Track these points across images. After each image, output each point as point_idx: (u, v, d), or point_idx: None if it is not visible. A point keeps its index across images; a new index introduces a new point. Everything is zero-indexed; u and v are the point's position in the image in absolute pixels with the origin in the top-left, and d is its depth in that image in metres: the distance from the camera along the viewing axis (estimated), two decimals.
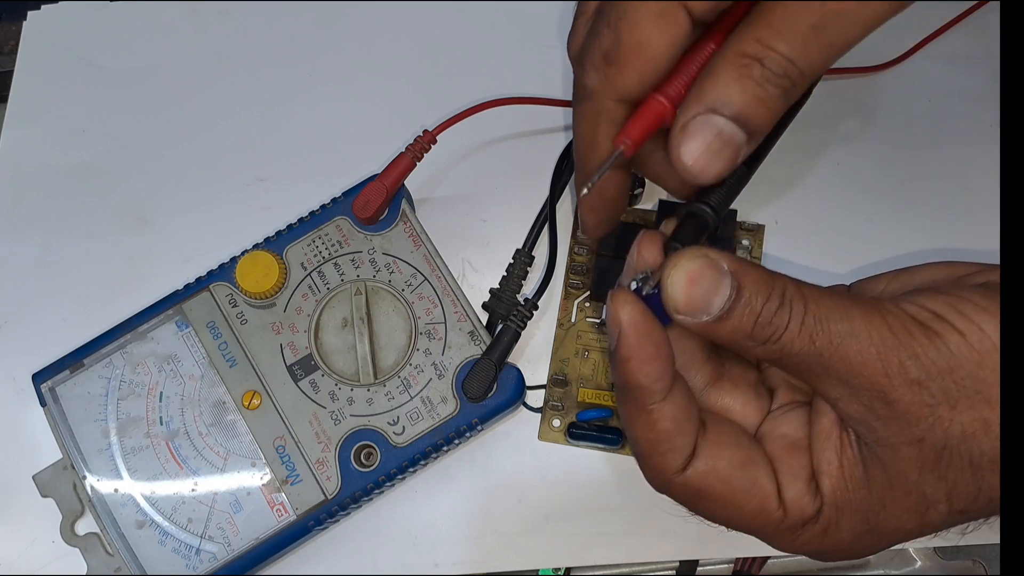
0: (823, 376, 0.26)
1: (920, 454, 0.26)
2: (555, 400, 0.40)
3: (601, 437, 0.39)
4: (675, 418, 0.28)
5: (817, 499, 0.28)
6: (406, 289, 0.39)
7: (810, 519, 0.28)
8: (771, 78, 0.26)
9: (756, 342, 0.26)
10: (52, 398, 0.38)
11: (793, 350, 0.26)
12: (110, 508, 0.37)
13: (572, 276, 0.42)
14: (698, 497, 0.29)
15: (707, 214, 0.29)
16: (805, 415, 0.30)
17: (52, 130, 0.46)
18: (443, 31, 0.47)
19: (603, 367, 0.40)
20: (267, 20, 0.48)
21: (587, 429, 0.39)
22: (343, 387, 0.38)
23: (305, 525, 0.37)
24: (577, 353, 0.41)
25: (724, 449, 0.28)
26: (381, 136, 0.44)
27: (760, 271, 0.27)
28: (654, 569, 0.39)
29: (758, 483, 0.28)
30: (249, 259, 0.38)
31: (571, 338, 0.41)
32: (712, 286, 0.26)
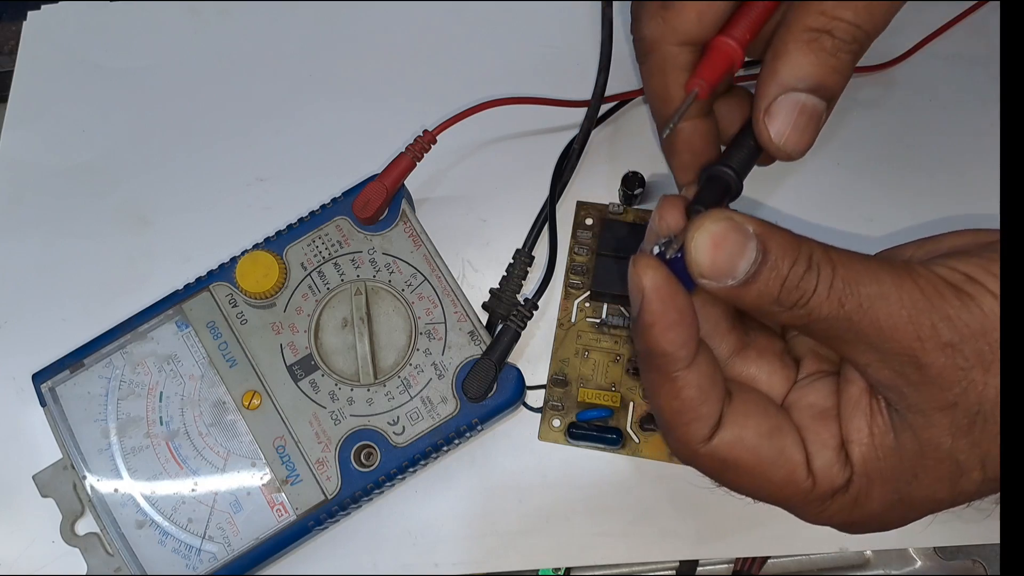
0: (852, 342, 0.26)
1: (953, 420, 0.25)
2: (555, 400, 0.40)
3: (601, 437, 0.39)
4: (700, 386, 0.27)
5: (847, 468, 0.27)
6: (406, 289, 0.39)
7: (839, 489, 0.27)
8: (841, 46, 0.27)
9: (783, 307, 0.26)
10: (52, 398, 0.38)
11: (821, 315, 0.25)
12: (110, 508, 0.37)
13: (572, 276, 0.42)
14: (724, 467, 0.28)
15: (729, 176, 0.29)
16: (833, 384, 0.29)
17: (52, 130, 0.46)
18: (443, 31, 0.47)
19: (603, 367, 0.40)
20: (267, 20, 0.48)
21: (587, 429, 0.39)
22: (343, 387, 0.38)
23: (305, 525, 0.37)
24: (577, 353, 0.41)
25: (751, 418, 0.28)
26: (381, 136, 0.44)
27: (786, 234, 0.26)
28: (654, 569, 0.39)
29: (786, 452, 0.27)
30: (249, 259, 0.38)
31: (571, 338, 0.41)
32: (737, 249, 0.25)
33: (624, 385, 0.40)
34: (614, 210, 0.42)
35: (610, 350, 0.40)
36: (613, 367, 0.40)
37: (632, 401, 0.40)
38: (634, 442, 0.39)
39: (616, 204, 0.42)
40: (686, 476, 0.38)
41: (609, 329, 0.41)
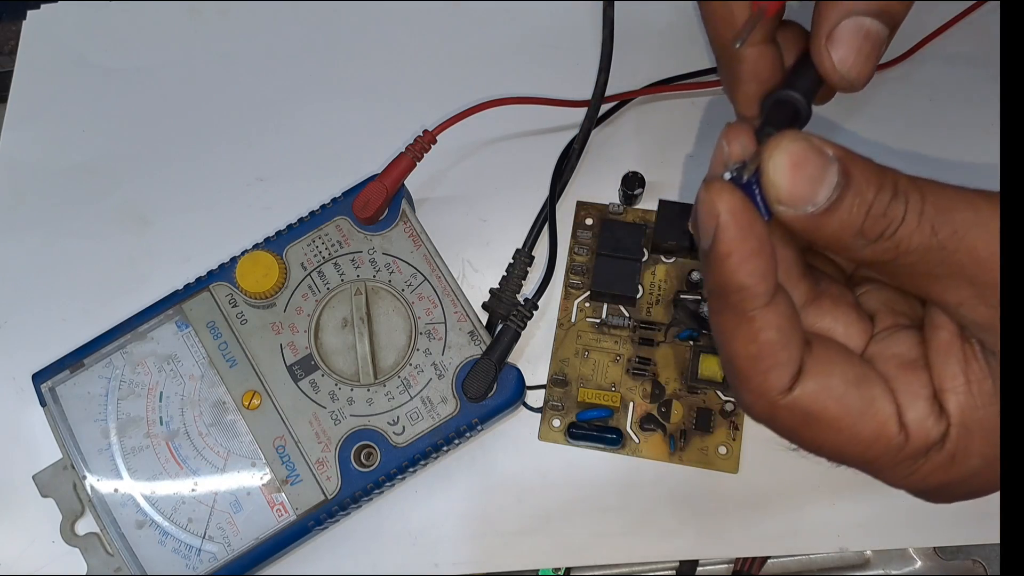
0: (945, 277, 0.23)
1: None
2: (555, 400, 0.40)
3: (601, 437, 0.39)
4: (780, 327, 0.24)
5: (943, 420, 0.24)
6: (406, 289, 0.39)
7: (935, 444, 0.24)
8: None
9: (867, 239, 0.23)
10: (52, 398, 0.38)
11: (911, 246, 0.23)
12: (110, 508, 0.37)
13: (572, 276, 0.42)
14: (807, 422, 0.25)
15: (799, 100, 0.27)
16: (915, 335, 0.26)
17: (52, 130, 0.46)
18: (443, 31, 0.47)
19: (603, 367, 0.40)
20: (267, 19, 0.48)
21: (587, 429, 0.39)
22: (343, 387, 0.38)
23: (305, 525, 0.37)
24: (577, 353, 0.41)
25: (836, 365, 0.25)
26: (380, 136, 0.44)
27: (869, 161, 0.24)
28: (654, 569, 0.39)
29: (876, 403, 0.25)
30: (249, 259, 0.38)
31: (571, 338, 0.41)
32: (818, 172, 0.23)
33: (624, 385, 0.40)
34: (614, 210, 0.42)
35: (610, 350, 0.41)
36: (613, 367, 0.40)
37: (632, 401, 0.40)
38: (634, 442, 0.39)
39: (616, 204, 0.42)
40: (687, 476, 0.39)
41: (609, 329, 0.41)
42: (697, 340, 0.40)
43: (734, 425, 0.39)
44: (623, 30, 0.44)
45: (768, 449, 0.38)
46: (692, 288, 0.41)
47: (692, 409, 0.39)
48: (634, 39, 0.45)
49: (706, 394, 0.39)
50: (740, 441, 0.39)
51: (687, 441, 0.39)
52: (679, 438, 0.39)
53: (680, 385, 0.40)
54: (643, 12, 0.46)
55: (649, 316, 0.41)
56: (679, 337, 0.40)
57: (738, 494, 0.38)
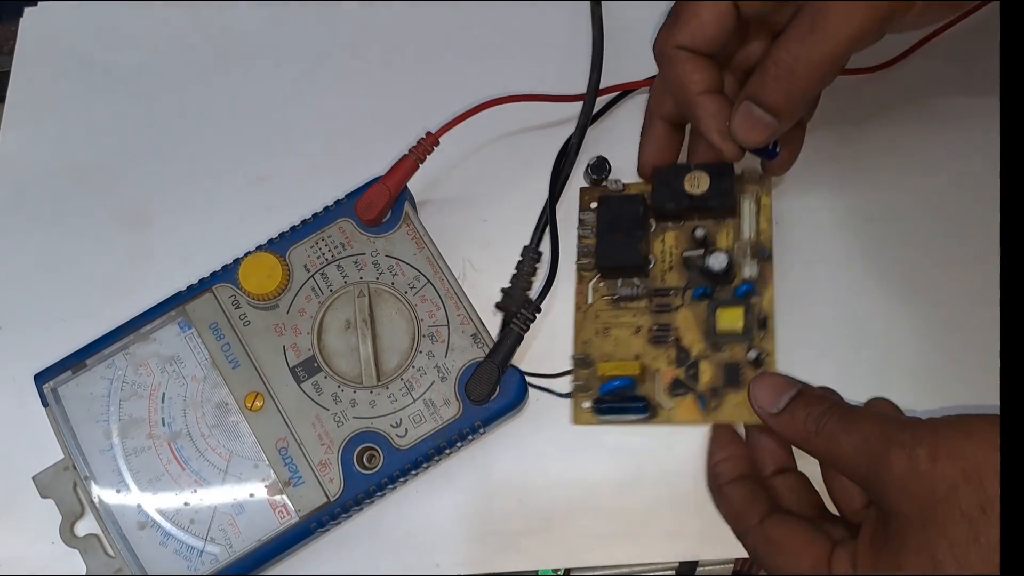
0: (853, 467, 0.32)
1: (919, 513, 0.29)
2: (581, 381, 0.40)
3: (627, 407, 0.38)
4: (741, 493, 0.36)
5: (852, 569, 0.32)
6: (409, 291, 0.39)
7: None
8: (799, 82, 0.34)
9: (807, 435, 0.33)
10: (54, 398, 0.38)
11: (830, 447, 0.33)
12: (112, 509, 0.37)
13: (582, 258, 0.41)
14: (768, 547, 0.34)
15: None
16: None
17: (51, 129, 0.46)
18: (445, 32, 0.47)
19: (625, 341, 0.40)
20: (268, 18, 0.48)
21: (612, 402, 0.39)
22: (346, 389, 0.38)
23: (307, 527, 0.37)
24: (598, 332, 0.40)
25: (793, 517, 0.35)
26: (379, 137, 0.44)
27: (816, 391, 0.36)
28: (654, 570, 0.39)
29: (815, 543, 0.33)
30: (252, 260, 0.38)
31: (590, 319, 0.41)
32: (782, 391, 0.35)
33: (648, 355, 0.39)
34: (614, 188, 0.42)
35: (629, 324, 0.40)
36: (635, 339, 0.40)
37: (658, 369, 0.39)
38: (665, 409, 0.38)
39: (616, 181, 0.42)
40: (687, 476, 0.39)
41: (625, 303, 0.40)
42: (711, 296, 0.39)
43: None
44: (613, 29, 0.45)
45: None
46: (697, 244, 0.40)
47: (719, 366, 0.38)
48: (631, 32, 0.45)
49: (732, 348, 0.38)
50: None
51: (720, 399, 0.38)
52: (711, 397, 0.38)
53: (704, 345, 0.39)
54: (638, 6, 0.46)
55: (664, 283, 0.40)
56: (694, 297, 0.39)
57: None
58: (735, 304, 0.39)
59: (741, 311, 0.38)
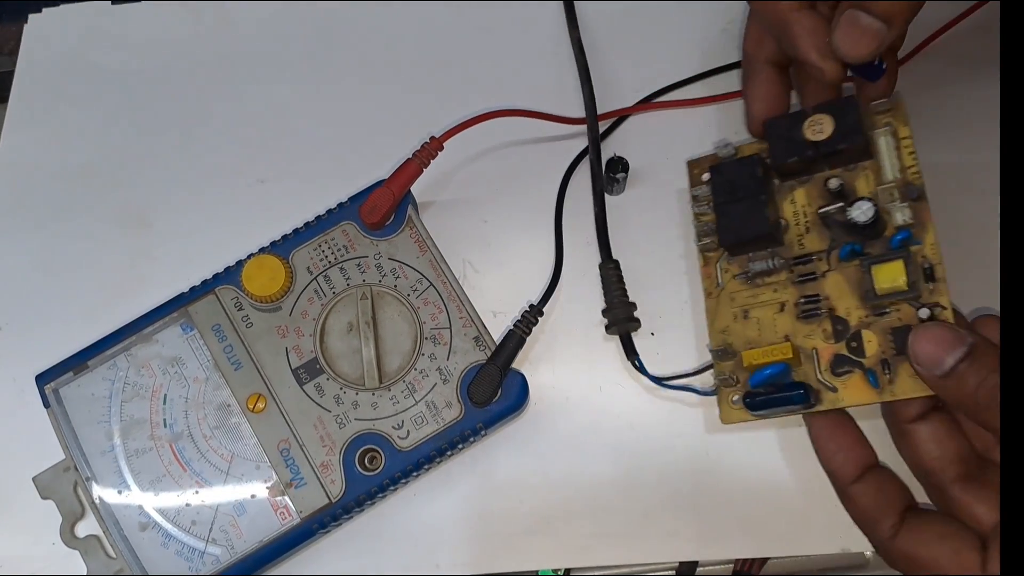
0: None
1: None
2: (726, 375, 0.36)
3: (786, 398, 0.33)
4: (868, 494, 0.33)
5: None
6: (411, 294, 0.39)
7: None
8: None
9: (979, 405, 0.29)
10: (56, 399, 0.38)
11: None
12: (113, 510, 0.37)
13: (703, 238, 0.38)
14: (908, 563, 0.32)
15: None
16: None
17: (53, 131, 0.46)
18: (449, 36, 0.47)
19: (770, 322, 0.35)
20: (270, 22, 0.48)
21: (766, 394, 0.34)
22: (348, 391, 0.38)
23: (309, 528, 0.37)
24: (736, 318, 0.36)
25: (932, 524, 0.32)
26: (382, 140, 0.44)
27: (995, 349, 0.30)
28: (654, 569, 0.39)
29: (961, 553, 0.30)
30: (255, 263, 0.38)
31: (724, 304, 0.37)
32: (948, 346, 0.30)
33: (799, 333, 0.35)
34: (724, 153, 0.38)
35: (771, 301, 0.35)
36: (780, 318, 0.35)
37: (814, 348, 0.34)
38: (830, 392, 0.34)
39: (726, 144, 0.38)
40: (687, 476, 0.39)
41: (761, 280, 0.36)
42: (862, 253, 0.34)
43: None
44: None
45: (769, 450, 0.39)
46: (834, 197, 0.35)
47: (886, 333, 0.33)
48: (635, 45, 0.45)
49: (898, 309, 0.33)
50: None
51: (894, 371, 0.33)
52: (881, 371, 0.33)
53: (864, 311, 0.34)
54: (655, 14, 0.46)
55: (803, 249, 0.35)
56: (842, 258, 0.34)
57: (738, 494, 0.39)
58: (892, 257, 0.33)
59: (901, 264, 0.33)
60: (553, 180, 0.43)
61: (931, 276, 0.33)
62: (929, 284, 0.33)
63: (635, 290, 0.41)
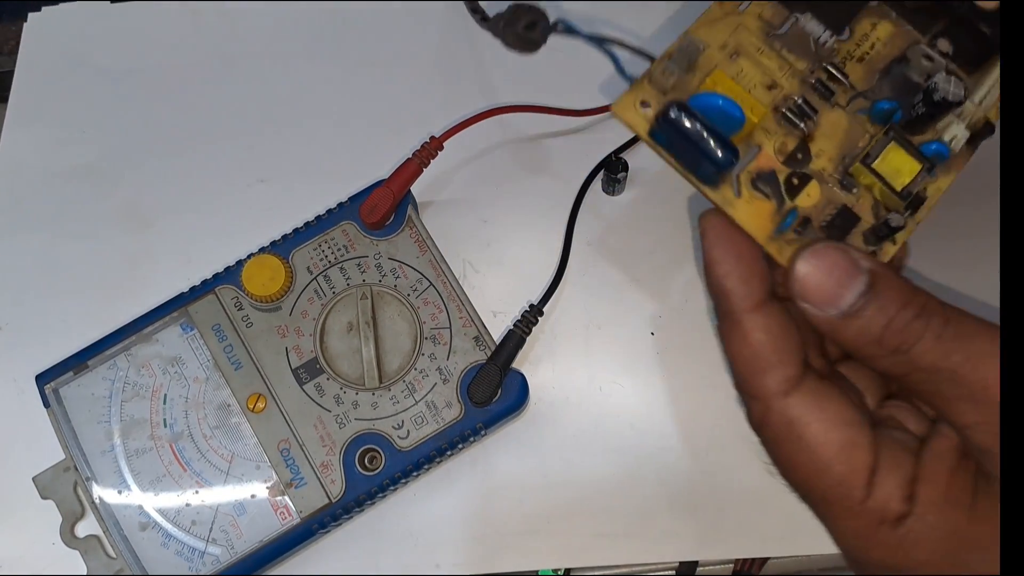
0: (955, 399, 0.24)
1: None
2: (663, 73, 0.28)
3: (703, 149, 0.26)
4: (768, 330, 0.26)
5: (908, 504, 0.25)
6: (411, 294, 0.39)
7: (891, 520, 0.25)
8: None
9: (883, 350, 0.25)
10: (56, 399, 0.38)
11: (923, 364, 0.24)
12: (113, 510, 0.37)
13: None
14: (789, 434, 0.26)
15: None
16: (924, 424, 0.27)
17: (53, 131, 0.46)
18: (449, 36, 0.47)
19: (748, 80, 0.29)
20: (270, 22, 0.48)
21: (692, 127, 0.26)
22: (348, 391, 0.38)
23: (309, 528, 0.37)
24: (724, 47, 0.29)
25: (835, 398, 0.26)
26: (382, 140, 0.44)
27: (901, 279, 0.25)
28: (654, 570, 0.40)
29: (856, 449, 0.25)
30: (255, 262, 0.38)
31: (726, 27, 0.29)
32: (845, 279, 0.25)
33: (764, 124, 0.29)
34: None
35: (769, 70, 0.29)
36: (762, 92, 0.29)
37: (760, 146, 0.29)
38: (733, 193, 0.28)
39: None
40: (687, 476, 0.39)
41: (783, 45, 0.29)
42: (894, 124, 0.29)
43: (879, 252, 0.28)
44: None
45: None
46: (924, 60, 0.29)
47: (832, 205, 0.28)
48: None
49: (860, 196, 0.29)
50: None
51: (804, 235, 0.28)
52: (796, 224, 0.28)
53: (833, 168, 0.29)
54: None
55: (843, 67, 0.30)
56: (872, 111, 0.29)
57: (738, 494, 0.39)
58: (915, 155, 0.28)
59: (919, 167, 0.28)
60: (553, 180, 0.43)
61: (916, 206, 0.29)
62: (909, 210, 0.29)
63: (635, 290, 0.41)
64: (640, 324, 0.42)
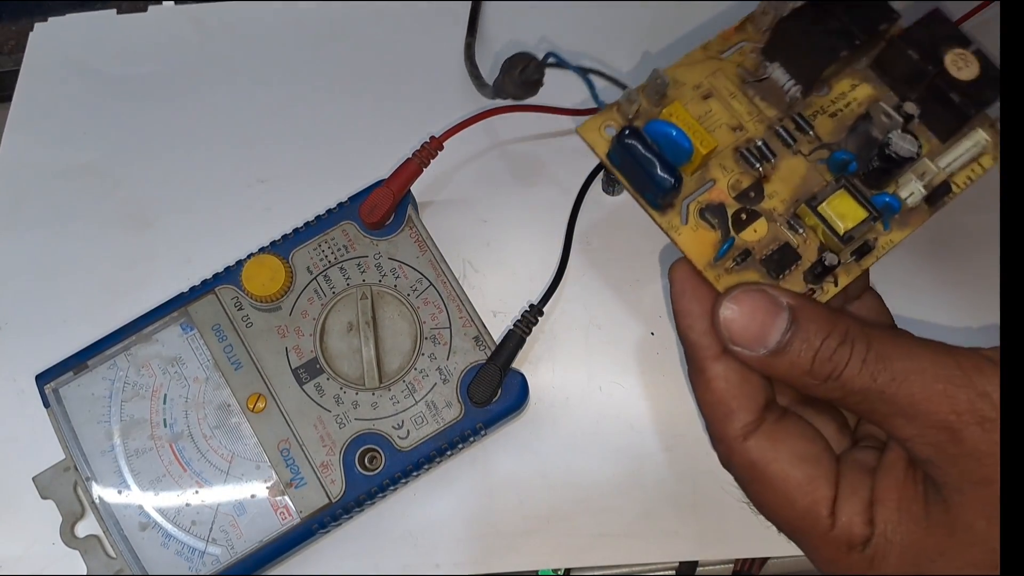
0: (890, 416, 0.26)
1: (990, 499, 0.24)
2: (630, 100, 0.31)
3: (649, 173, 0.29)
4: (729, 379, 0.28)
5: (870, 527, 0.26)
6: (411, 294, 0.39)
7: (857, 544, 0.27)
8: None
9: (816, 379, 0.26)
10: (55, 399, 0.38)
11: (854, 387, 0.26)
12: (113, 510, 0.37)
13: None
14: (753, 474, 0.28)
15: None
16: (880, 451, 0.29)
17: (54, 131, 0.46)
18: (448, 36, 0.47)
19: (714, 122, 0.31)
20: (271, 21, 0.48)
21: (641, 151, 0.29)
22: (348, 391, 0.38)
23: (309, 528, 0.37)
24: (698, 87, 0.32)
25: (792, 437, 0.28)
26: (382, 140, 0.44)
27: (821, 309, 0.27)
28: (654, 570, 0.40)
29: (815, 483, 0.27)
30: (255, 262, 0.38)
31: (706, 68, 0.32)
32: (768, 319, 0.27)
33: (721, 159, 0.31)
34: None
35: (737, 114, 0.31)
36: (724, 132, 0.31)
37: (714, 181, 0.31)
38: (679, 220, 0.30)
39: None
40: (687, 476, 0.39)
41: (756, 92, 0.32)
42: (853, 174, 0.31)
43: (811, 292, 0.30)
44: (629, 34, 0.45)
45: None
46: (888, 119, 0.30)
47: (776, 241, 0.30)
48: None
49: (806, 237, 0.30)
50: None
51: (742, 268, 0.30)
52: (735, 255, 0.30)
53: (784, 209, 0.31)
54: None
55: (811, 119, 0.32)
56: (829, 161, 0.31)
57: (738, 494, 0.38)
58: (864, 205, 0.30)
59: (865, 214, 0.30)
60: (553, 180, 0.43)
61: (862, 253, 0.30)
62: (854, 256, 0.30)
63: (635, 290, 0.41)
64: (640, 324, 0.42)
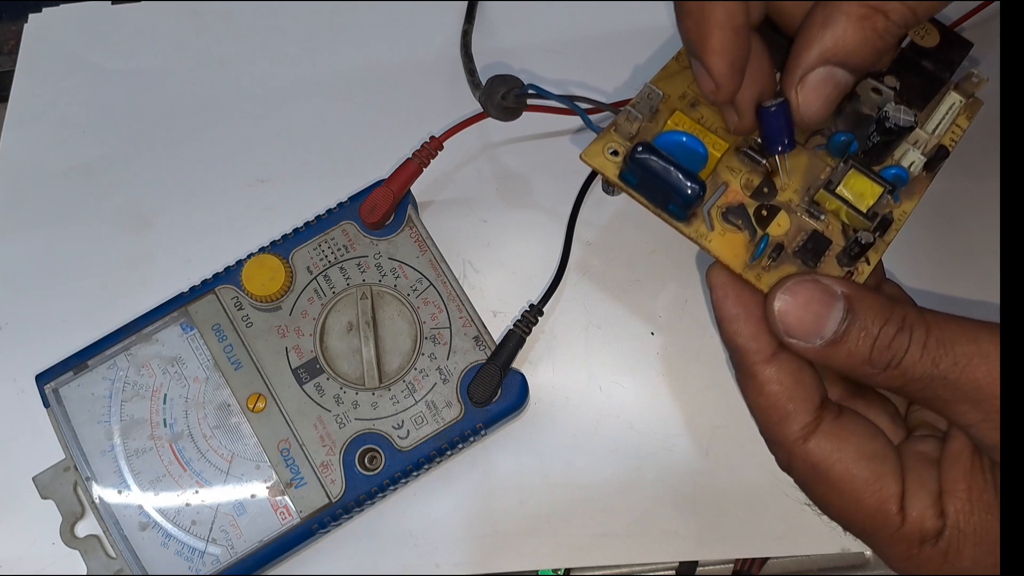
0: (952, 401, 0.25)
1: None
2: (629, 119, 0.30)
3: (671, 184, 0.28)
4: (782, 381, 0.27)
5: (941, 519, 0.26)
6: (411, 294, 0.39)
7: (930, 538, 0.26)
8: (891, 29, 0.27)
9: (876, 368, 0.26)
10: (56, 399, 0.38)
11: (916, 375, 0.25)
12: (113, 510, 0.37)
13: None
14: (816, 477, 0.27)
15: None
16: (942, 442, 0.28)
17: (53, 131, 0.46)
18: (448, 36, 0.47)
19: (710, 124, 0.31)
20: (269, 22, 0.48)
21: (657, 164, 0.28)
22: (348, 391, 0.38)
23: (308, 528, 0.37)
24: (683, 97, 0.32)
25: (855, 435, 0.27)
26: (382, 140, 0.44)
27: (877, 295, 0.26)
28: (654, 570, 0.40)
29: (882, 480, 0.26)
30: (255, 262, 0.38)
31: (687, 78, 0.32)
32: (824, 309, 0.26)
33: (727, 162, 0.31)
34: None
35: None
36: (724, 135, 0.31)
37: (726, 183, 0.31)
38: (705, 227, 0.30)
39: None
40: (687, 476, 0.39)
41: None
42: (852, 154, 0.30)
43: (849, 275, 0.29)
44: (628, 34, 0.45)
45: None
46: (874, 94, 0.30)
47: (802, 231, 0.30)
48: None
49: (828, 223, 0.30)
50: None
51: (777, 262, 0.29)
52: (769, 252, 0.29)
53: (799, 199, 0.30)
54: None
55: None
56: (829, 146, 0.31)
57: (738, 494, 0.39)
58: (876, 180, 0.30)
59: (880, 190, 0.29)
60: (553, 180, 0.43)
61: (884, 228, 0.30)
62: (877, 232, 0.30)
63: (635, 289, 0.41)
64: (640, 324, 0.42)
